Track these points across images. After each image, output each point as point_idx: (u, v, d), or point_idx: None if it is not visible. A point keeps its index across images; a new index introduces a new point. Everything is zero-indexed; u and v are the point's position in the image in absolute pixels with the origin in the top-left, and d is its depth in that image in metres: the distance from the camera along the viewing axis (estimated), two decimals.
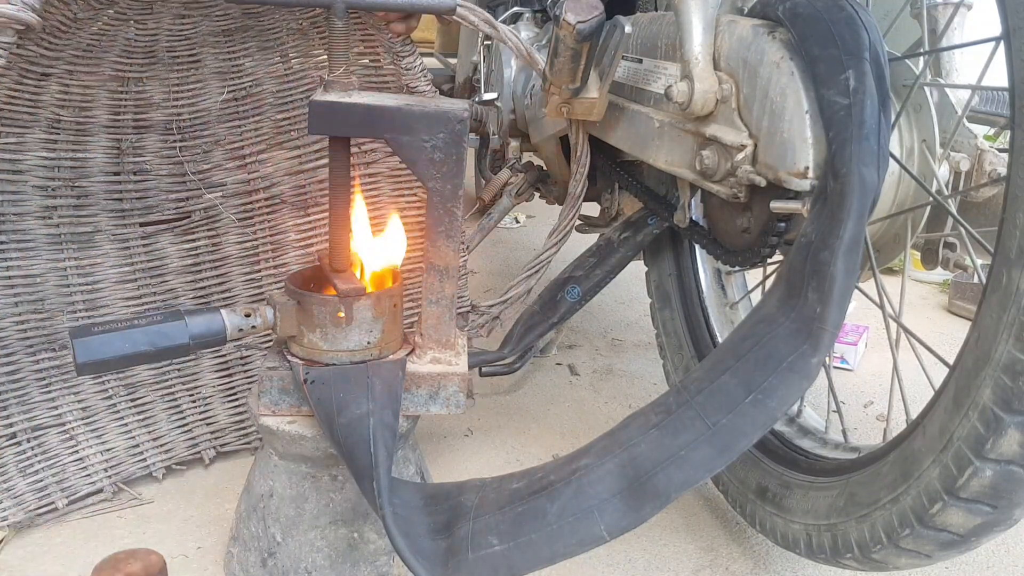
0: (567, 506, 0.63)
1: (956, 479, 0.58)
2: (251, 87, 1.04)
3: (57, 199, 0.94)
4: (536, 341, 1.09)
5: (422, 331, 0.83)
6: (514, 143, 1.29)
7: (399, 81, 1.01)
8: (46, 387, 0.95)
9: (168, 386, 1.04)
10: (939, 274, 1.91)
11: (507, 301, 1.07)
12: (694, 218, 0.94)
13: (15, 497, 0.91)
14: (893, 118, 0.70)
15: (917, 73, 0.75)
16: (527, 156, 1.31)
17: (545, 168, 1.27)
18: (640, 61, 0.90)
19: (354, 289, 0.77)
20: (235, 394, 1.08)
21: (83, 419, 0.97)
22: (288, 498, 0.80)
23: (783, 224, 0.73)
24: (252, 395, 0.82)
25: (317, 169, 1.09)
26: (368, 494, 0.69)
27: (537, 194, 1.28)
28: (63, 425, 0.96)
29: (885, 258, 0.82)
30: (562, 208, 1.10)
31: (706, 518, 1.00)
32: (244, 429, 1.08)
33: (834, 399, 0.88)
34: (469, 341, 0.94)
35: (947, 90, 0.75)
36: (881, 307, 0.80)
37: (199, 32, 0.97)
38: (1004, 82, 0.57)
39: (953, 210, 0.73)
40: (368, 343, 0.79)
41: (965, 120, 0.73)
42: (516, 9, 1.43)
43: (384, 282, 0.85)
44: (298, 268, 1.10)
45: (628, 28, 0.77)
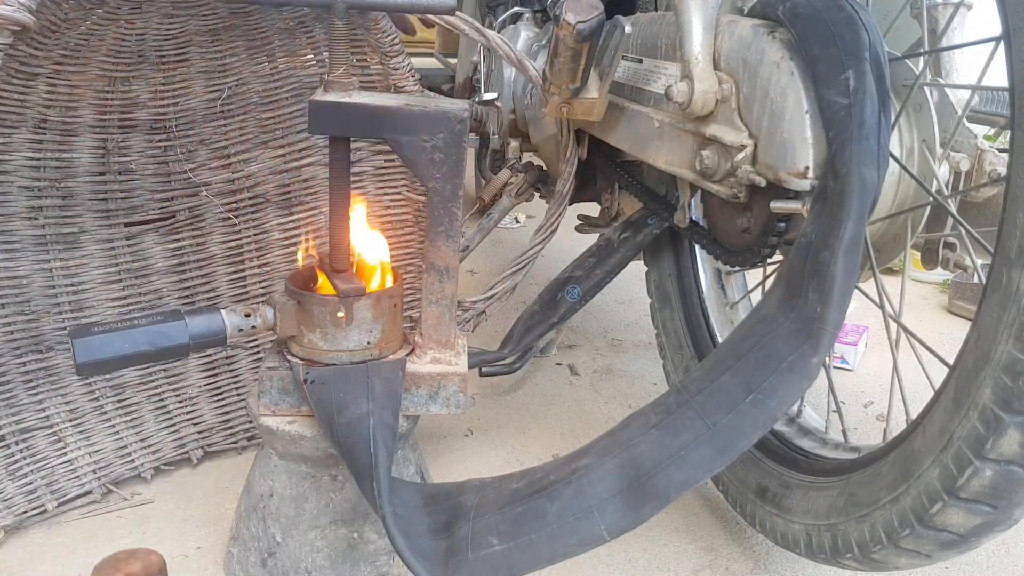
0: (567, 506, 0.63)
1: (956, 479, 0.58)
2: (237, 86, 1.04)
3: (43, 200, 0.94)
4: (536, 341, 1.09)
5: (422, 331, 0.83)
6: (514, 143, 1.29)
7: (386, 81, 1.01)
8: (33, 389, 0.95)
9: (155, 386, 1.04)
10: (939, 274, 1.91)
11: (492, 297, 1.07)
12: (694, 218, 0.94)
13: (5, 500, 0.90)
14: (893, 118, 0.70)
15: (917, 73, 0.75)
16: (527, 156, 1.31)
17: (545, 168, 1.27)
18: (640, 61, 0.90)
19: (354, 289, 0.78)
20: (221, 394, 1.08)
21: (71, 421, 0.97)
22: (288, 498, 0.80)
23: (783, 224, 0.73)
24: (252, 395, 0.82)
25: (301, 168, 1.09)
26: (368, 494, 0.69)
27: (537, 194, 1.28)
28: (51, 427, 0.95)
29: (885, 258, 0.82)
30: (548, 206, 1.10)
31: (706, 518, 1.00)
32: (231, 428, 1.08)
33: (834, 399, 0.88)
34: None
35: (947, 90, 0.75)
36: (881, 307, 0.80)
37: (187, 31, 0.97)
38: (1004, 82, 0.57)
39: (953, 210, 0.73)
40: (368, 343, 0.79)
41: (965, 120, 0.73)
42: (516, 9, 1.43)
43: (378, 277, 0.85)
44: (283, 267, 1.11)
45: (628, 28, 0.77)
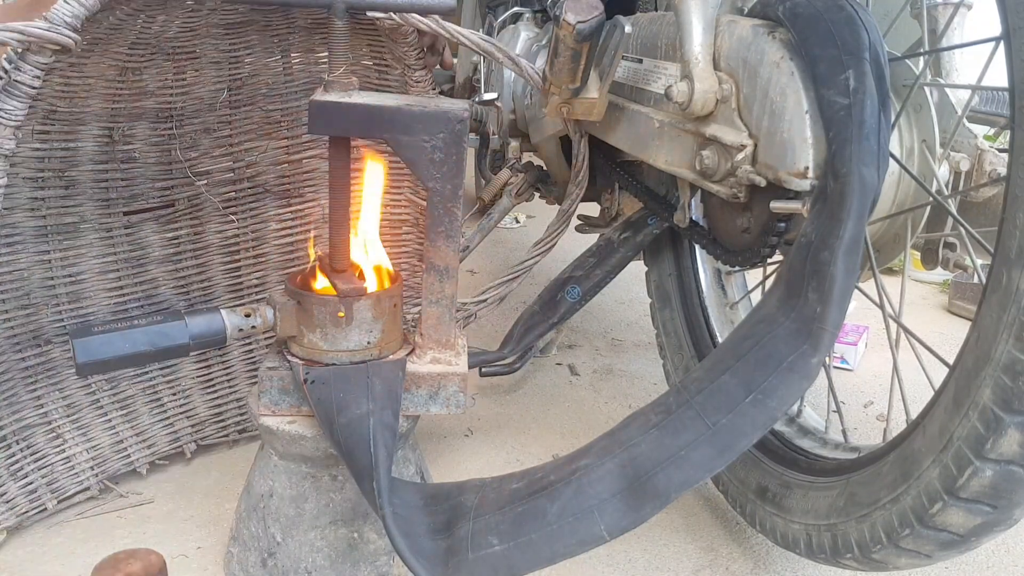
0: (567, 506, 0.63)
1: (956, 479, 0.58)
2: (246, 78, 1.04)
3: (46, 190, 0.93)
4: (536, 341, 1.09)
5: (422, 331, 0.83)
6: (514, 143, 1.29)
7: (404, 90, 1.01)
8: (32, 385, 0.94)
9: (149, 379, 1.04)
10: (939, 274, 1.91)
11: (482, 302, 1.07)
12: (694, 218, 0.94)
13: (7, 501, 0.90)
14: (893, 118, 0.70)
15: (917, 73, 0.75)
16: (527, 156, 1.31)
17: (545, 168, 1.27)
18: (640, 61, 0.90)
19: (354, 289, 0.78)
20: (213, 386, 1.09)
21: (68, 416, 0.97)
22: (288, 498, 0.80)
23: (783, 224, 0.73)
24: (252, 395, 0.82)
25: (303, 160, 1.09)
26: (368, 494, 0.69)
27: (537, 194, 1.28)
28: (49, 424, 0.95)
29: (885, 258, 0.82)
30: (550, 221, 1.09)
31: (706, 518, 1.00)
32: (223, 421, 1.09)
33: (834, 399, 0.88)
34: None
35: (947, 90, 0.75)
36: (881, 307, 0.80)
37: (204, 24, 0.97)
38: (1004, 82, 0.57)
39: (953, 210, 0.73)
40: (368, 343, 0.79)
41: (965, 120, 0.73)
42: (516, 9, 1.43)
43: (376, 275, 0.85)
44: (277, 259, 1.11)
45: (628, 28, 0.77)
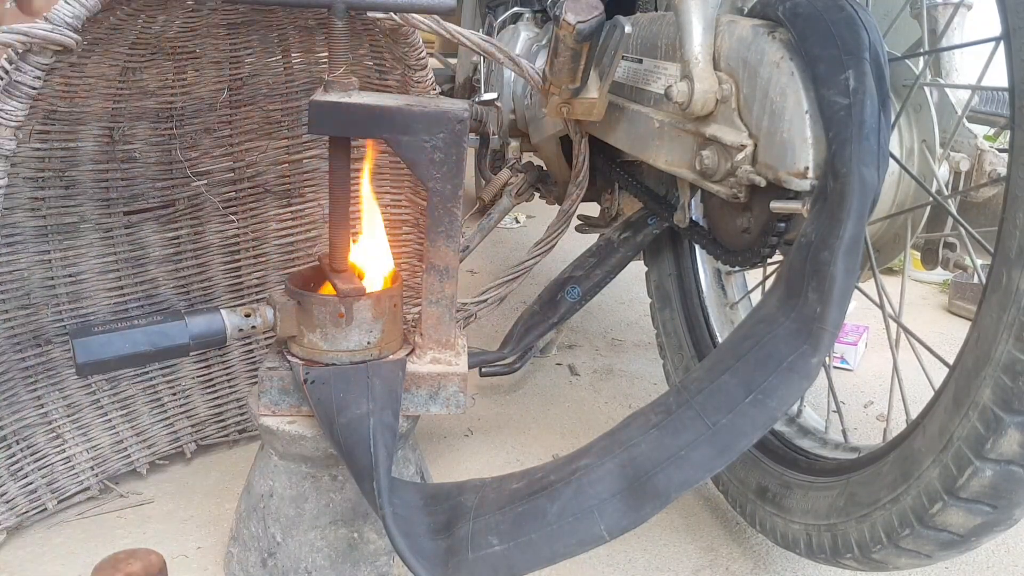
0: (567, 506, 0.63)
1: (956, 479, 0.58)
2: (247, 78, 1.04)
3: (46, 190, 0.92)
4: (536, 341, 1.09)
5: (422, 331, 0.83)
6: (514, 143, 1.29)
7: (406, 91, 1.01)
8: (32, 385, 0.94)
9: (149, 379, 1.04)
10: (939, 274, 1.91)
11: (483, 303, 1.07)
12: (694, 218, 0.94)
13: (8, 502, 0.90)
14: (893, 118, 0.70)
15: (917, 73, 0.75)
16: (527, 156, 1.31)
17: (545, 168, 1.27)
18: (640, 61, 0.90)
19: (354, 289, 0.78)
20: (213, 385, 1.08)
21: (68, 416, 0.97)
22: (288, 498, 0.80)
23: (783, 224, 0.73)
24: (252, 395, 0.82)
25: (303, 160, 1.09)
26: (368, 494, 0.69)
27: (537, 194, 1.28)
28: (49, 424, 0.95)
29: (885, 258, 0.82)
30: (551, 222, 1.10)
31: (706, 518, 1.00)
32: (223, 421, 1.09)
33: (834, 399, 0.88)
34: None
35: (947, 90, 0.75)
36: (881, 307, 0.80)
37: (205, 24, 0.97)
38: (1004, 82, 0.57)
39: (953, 210, 0.73)
40: (368, 343, 0.79)
41: (965, 120, 0.73)
42: (516, 9, 1.43)
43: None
44: (277, 258, 1.11)
45: (628, 28, 0.77)
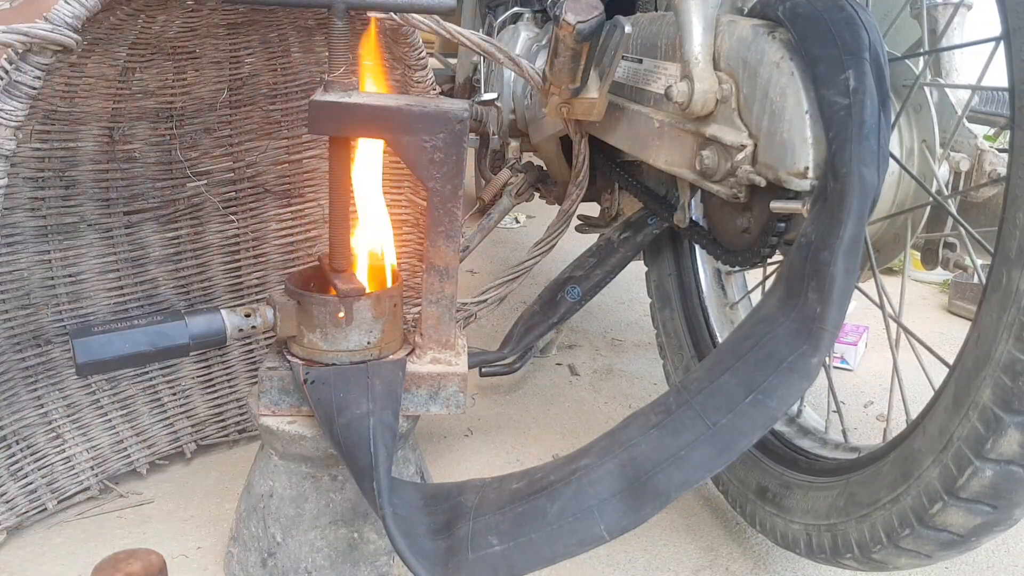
0: (567, 506, 0.63)
1: (956, 479, 0.58)
2: (247, 78, 1.04)
3: (46, 190, 0.92)
4: (536, 341, 1.09)
5: (422, 331, 0.83)
6: (514, 143, 1.29)
7: (406, 91, 1.01)
8: (32, 385, 0.94)
9: (149, 379, 1.04)
10: (939, 274, 1.91)
11: (483, 303, 1.07)
12: (694, 218, 0.94)
13: (7, 502, 0.90)
14: (893, 118, 0.70)
15: (917, 73, 0.75)
16: (527, 156, 1.31)
17: (545, 168, 1.27)
18: (640, 61, 0.90)
19: (354, 289, 0.78)
20: (213, 385, 1.08)
21: (68, 416, 0.96)
22: (288, 498, 0.80)
23: (783, 224, 0.73)
24: (252, 395, 0.82)
25: (303, 160, 1.09)
26: (368, 494, 0.69)
27: (537, 194, 1.28)
28: (49, 424, 0.95)
29: (885, 258, 0.82)
30: (551, 222, 1.10)
31: (706, 518, 1.00)
32: (223, 421, 1.09)
33: (834, 399, 0.88)
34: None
35: (947, 90, 0.75)
36: (881, 307, 0.80)
37: (205, 24, 0.97)
38: (1004, 82, 0.57)
39: (953, 210, 0.73)
40: (368, 343, 0.79)
41: (965, 120, 0.73)
42: (516, 9, 1.43)
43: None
44: (277, 258, 1.11)
45: (628, 28, 0.77)
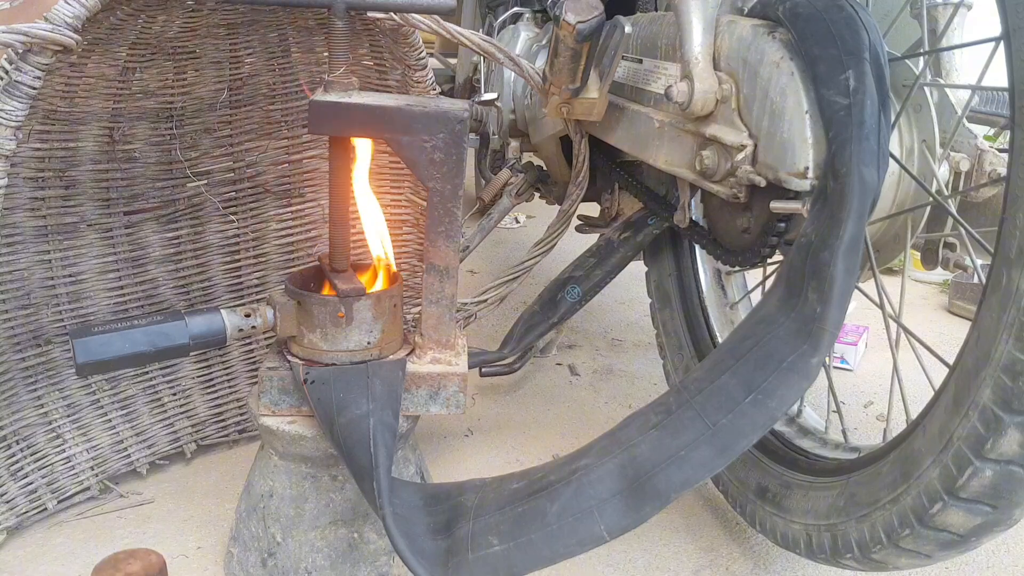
0: (567, 506, 0.63)
1: (956, 479, 0.58)
2: (247, 78, 1.04)
3: (46, 190, 0.92)
4: (536, 341, 1.09)
5: (422, 331, 0.83)
6: (514, 143, 1.29)
7: (406, 91, 1.01)
8: (32, 385, 0.94)
9: (149, 379, 1.04)
10: (939, 274, 1.91)
11: (483, 303, 1.07)
12: (694, 218, 0.94)
13: (7, 502, 0.90)
14: (893, 118, 0.70)
15: (917, 73, 0.75)
16: (527, 156, 1.31)
17: (545, 168, 1.27)
18: (640, 61, 0.90)
19: (354, 289, 0.78)
20: (213, 385, 1.08)
21: (68, 416, 0.96)
22: (288, 498, 0.80)
23: (783, 224, 0.73)
24: (252, 395, 0.82)
25: (303, 160, 1.09)
26: (368, 494, 0.69)
27: (537, 194, 1.28)
28: (49, 424, 0.95)
29: (885, 258, 0.82)
30: (551, 222, 1.10)
31: (706, 518, 1.00)
32: (223, 421, 1.09)
33: (834, 399, 0.88)
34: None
35: (947, 90, 0.75)
36: (881, 307, 0.80)
37: (205, 24, 0.97)
38: (1004, 82, 0.57)
39: (953, 210, 0.73)
40: (368, 343, 0.79)
41: (965, 120, 0.73)
42: (516, 9, 1.43)
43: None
44: (277, 258, 1.11)
45: (628, 28, 0.77)
